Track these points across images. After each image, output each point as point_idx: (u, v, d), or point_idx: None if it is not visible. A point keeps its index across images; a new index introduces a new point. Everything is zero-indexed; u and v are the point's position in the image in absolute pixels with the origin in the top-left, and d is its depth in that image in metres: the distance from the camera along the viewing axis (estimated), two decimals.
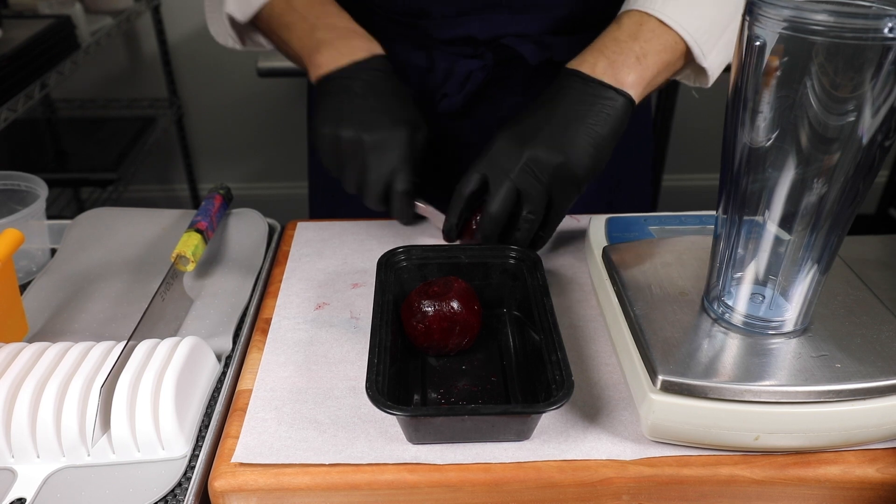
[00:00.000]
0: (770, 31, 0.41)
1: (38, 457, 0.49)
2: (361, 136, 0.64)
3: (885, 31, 0.37)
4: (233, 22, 0.75)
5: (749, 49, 0.42)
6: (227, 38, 0.78)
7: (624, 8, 0.68)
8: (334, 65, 0.67)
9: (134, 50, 2.12)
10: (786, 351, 0.49)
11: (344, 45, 0.68)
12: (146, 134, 1.91)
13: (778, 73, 0.41)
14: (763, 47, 0.41)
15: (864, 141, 0.41)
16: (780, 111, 0.42)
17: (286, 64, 1.74)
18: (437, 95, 0.79)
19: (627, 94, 0.63)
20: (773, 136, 0.43)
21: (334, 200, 0.92)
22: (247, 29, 0.78)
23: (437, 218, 0.69)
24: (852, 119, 0.41)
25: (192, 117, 2.23)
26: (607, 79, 0.63)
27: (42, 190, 0.70)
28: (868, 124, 0.41)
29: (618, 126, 0.63)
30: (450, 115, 0.80)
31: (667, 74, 0.67)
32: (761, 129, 0.44)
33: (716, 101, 2.19)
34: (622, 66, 0.63)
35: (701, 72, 0.69)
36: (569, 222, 0.76)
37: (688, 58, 0.67)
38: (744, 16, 0.43)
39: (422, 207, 0.69)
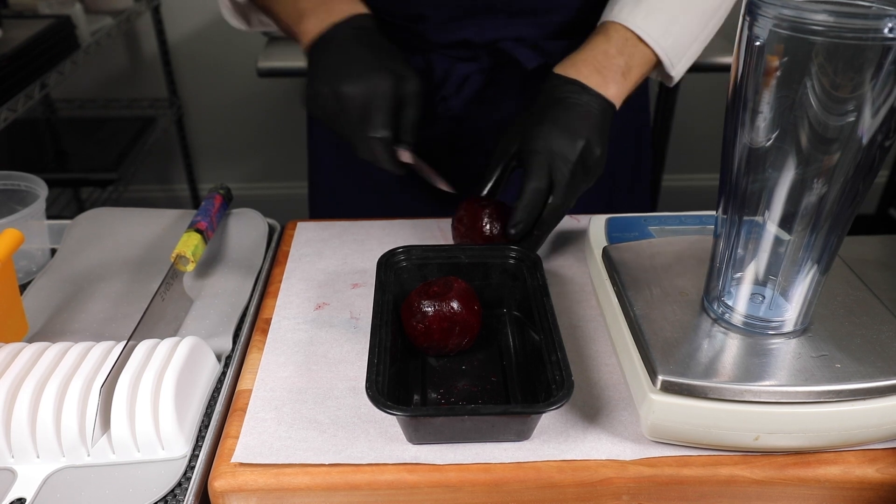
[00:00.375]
0: (770, 31, 0.41)
1: (38, 457, 0.49)
2: (337, 89, 0.63)
3: (886, 31, 0.37)
4: (234, 3, 0.76)
5: (749, 49, 0.42)
6: (232, 18, 0.79)
7: (608, 17, 0.70)
8: (317, 30, 0.67)
9: (134, 50, 2.12)
10: (786, 351, 0.49)
11: (324, 11, 0.67)
12: (146, 134, 1.91)
13: (778, 73, 0.41)
14: (763, 47, 0.41)
15: (864, 141, 0.41)
16: (779, 111, 0.42)
17: (286, 64, 1.75)
18: (434, 98, 0.80)
19: (613, 104, 0.67)
20: (773, 136, 0.43)
21: (334, 199, 0.92)
22: (249, 8, 0.78)
23: (426, 171, 0.67)
24: (852, 119, 0.41)
25: (192, 117, 2.23)
26: (599, 91, 0.66)
27: (42, 190, 0.70)
28: (868, 124, 0.41)
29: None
30: (447, 118, 0.81)
31: (639, 82, 0.71)
32: (761, 130, 0.44)
33: (716, 101, 2.19)
34: (610, 81, 0.67)
35: (667, 76, 0.73)
36: (569, 222, 0.76)
37: (658, 66, 0.72)
38: (744, 16, 0.43)
39: (407, 155, 0.66)
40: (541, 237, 0.65)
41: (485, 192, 0.66)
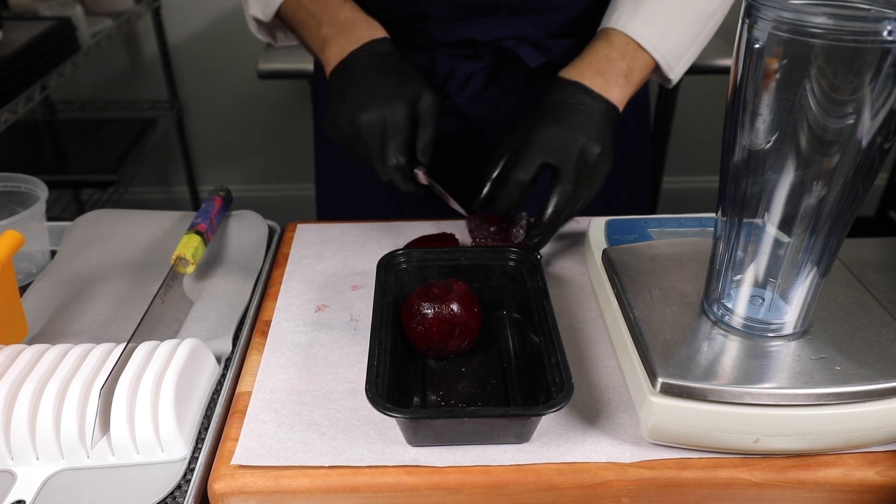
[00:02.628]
0: (769, 34, 0.41)
1: (38, 459, 0.49)
2: (354, 118, 0.65)
3: (884, 33, 0.37)
4: (259, 22, 0.77)
5: (748, 52, 0.43)
6: (259, 34, 0.80)
7: (607, 24, 0.71)
8: (337, 59, 0.69)
9: (134, 51, 2.12)
10: (785, 353, 0.49)
11: (344, 39, 0.69)
12: (146, 135, 1.91)
13: (777, 75, 0.42)
14: (762, 50, 0.41)
15: (864, 143, 0.41)
16: (779, 114, 0.42)
17: (286, 65, 1.75)
18: (438, 96, 0.80)
19: (616, 107, 0.69)
20: (773, 138, 0.43)
21: (343, 198, 0.92)
22: (275, 26, 0.79)
23: (441, 193, 0.69)
24: (851, 122, 0.41)
25: (193, 119, 2.23)
26: (602, 93, 0.67)
27: (42, 192, 0.70)
28: (867, 127, 0.41)
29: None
30: (451, 115, 0.81)
31: (641, 85, 0.73)
32: (761, 132, 0.44)
33: (715, 103, 2.19)
34: (613, 84, 0.68)
35: (666, 79, 0.75)
36: (569, 224, 0.76)
37: (656, 70, 0.74)
38: (743, 18, 0.43)
39: (423, 177, 0.67)
40: (555, 223, 0.64)
41: (485, 189, 0.66)
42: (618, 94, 0.68)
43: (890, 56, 0.38)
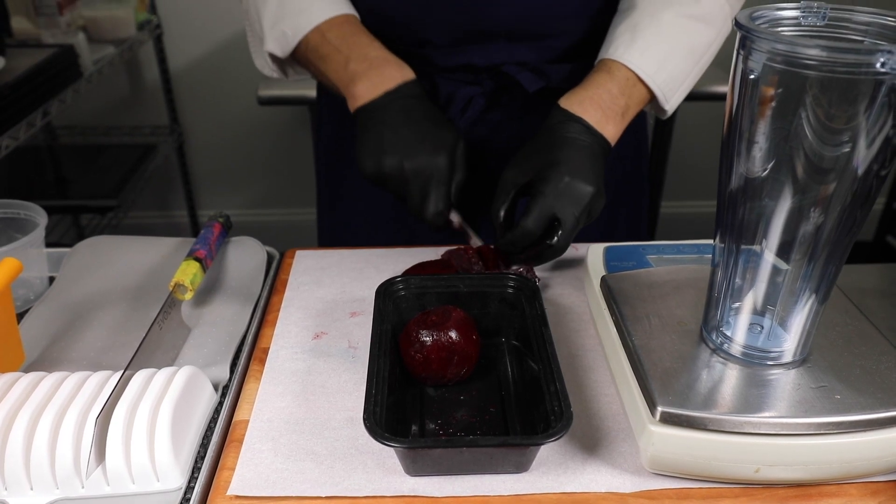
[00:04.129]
0: (764, 65, 0.41)
1: (32, 489, 0.48)
2: (402, 164, 0.67)
3: (878, 65, 0.37)
4: (273, 57, 0.78)
5: (743, 81, 0.43)
6: (270, 71, 0.81)
7: (605, 55, 0.72)
8: (369, 96, 0.70)
9: (136, 78, 2.14)
10: (785, 382, 0.49)
11: (376, 76, 0.70)
12: (147, 161, 1.92)
13: (773, 104, 0.42)
14: (757, 80, 0.42)
15: (860, 171, 0.42)
16: (775, 142, 0.43)
17: (286, 92, 1.76)
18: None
19: (609, 144, 0.70)
20: (769, 166, 0.44)
21: (342, 221, 0.93)
22: (287, 61, 0.80)
23: (469, 237, 0.71)
24: (847, 150, 0.41)
25: (193, 144, 2.24)
26: (600, 130, 0.69)
27: (41, 218, 0.70)
28: (863, 155, 0.41)
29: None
30: None
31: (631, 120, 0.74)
32: (757, 160, 0.44)
33: (711, 129, 2.20)
34: (610, 121, 0.70)
35: (661, 110, 0.76)
36: (567, 251, 0.75)
37: (651, 101, 0.75)
38: (738, 49, 0.43)
39: (457, 220, 0.70)
40: (547, 257, 0.67)
41: (500, 215, 0.68)
42: (612, 130, 0.69)
43: (883, 87, 0.38)
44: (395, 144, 0.68)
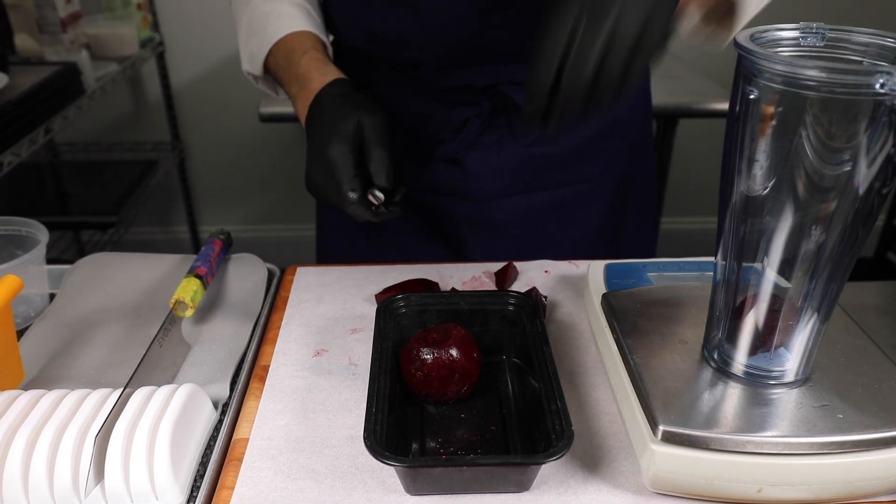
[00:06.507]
0: (763, 85, 0.41)
1: None
2: (310, 173, 0.66)
3: (877, 86, 0.38)
4: (253, 76, 0.79)
5: (743, 101, 0.43)
6: (262, 87, 0.82)
7: None
8: (304, 116, 0.70)
9: (138, 95, 2.15)
10: (787, 401, 0.49)
11: (305, 95, 0.70)
12: (148, 177, 1.93)
13: (773, 123, 0.42)
14: (757, 101, 0.42)
15: (861, 190, 0.42)
16: (776, 161, 0.43)
17: (288, 109, 1.77)
18: (434, 141, 0.81)
19: None
20: (770, 184, 0.44)
21: (342, 237, 0.93)
22: (269, 80, 0.81)
23: (393, 212, 0.66)
24: (848, 168, 0.41)
25: (194, 161, 2.25)
26: None
27: (42, 235, 0.70)
28: (864, 174, 0.41)
29: None
30: (445, 161, 0.82)
31: None
32: (758, 178, 0.44)
33: (712, 145, 2.21)
34: None
35: (726, 21, 0.62)
36: (567, 268, 0.76)
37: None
38: (737, 70, 0.44)
39: (373, 197, 0.64)
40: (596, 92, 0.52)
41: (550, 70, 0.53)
42: None
43: (883, 107, 0.38)
44: (308, 157, 0.67)
